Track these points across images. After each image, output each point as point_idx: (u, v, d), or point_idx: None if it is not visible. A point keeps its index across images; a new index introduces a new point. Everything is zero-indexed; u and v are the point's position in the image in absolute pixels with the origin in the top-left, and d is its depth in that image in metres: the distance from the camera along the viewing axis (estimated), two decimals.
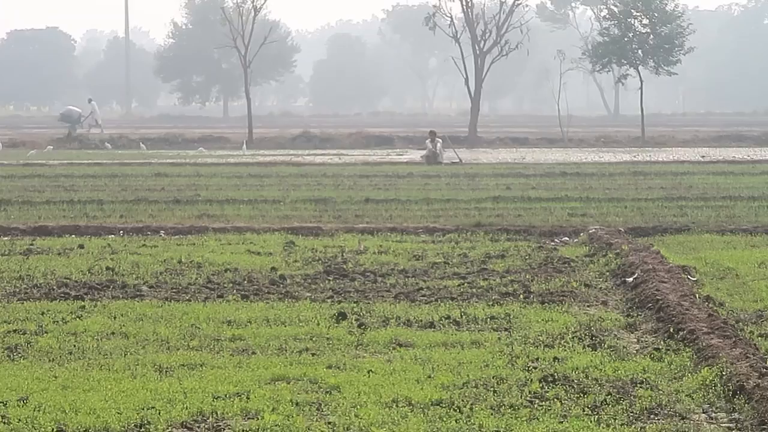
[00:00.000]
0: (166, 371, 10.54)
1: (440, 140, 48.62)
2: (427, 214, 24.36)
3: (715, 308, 13.17)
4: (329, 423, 8.79)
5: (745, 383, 9.63)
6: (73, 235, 20.84)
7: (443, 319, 13.01)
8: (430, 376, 10.27)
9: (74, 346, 11.67)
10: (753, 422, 8.94)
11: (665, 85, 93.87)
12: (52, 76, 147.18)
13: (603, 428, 8.72)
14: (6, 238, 20.57)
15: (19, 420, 8.91)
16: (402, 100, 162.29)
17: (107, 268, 16.80)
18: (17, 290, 15.12)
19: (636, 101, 73.16)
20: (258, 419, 8.91)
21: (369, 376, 10.26)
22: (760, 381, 9.59)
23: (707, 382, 9.94)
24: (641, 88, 70.19)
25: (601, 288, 15.29)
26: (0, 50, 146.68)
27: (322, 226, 21.73)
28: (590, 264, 17.32)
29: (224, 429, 8.74)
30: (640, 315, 13.25)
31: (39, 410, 9.21)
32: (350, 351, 11.41)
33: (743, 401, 9.36)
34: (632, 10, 72.52)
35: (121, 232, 21.27)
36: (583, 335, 12.10)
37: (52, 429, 8.70)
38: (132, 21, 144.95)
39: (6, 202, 27.50)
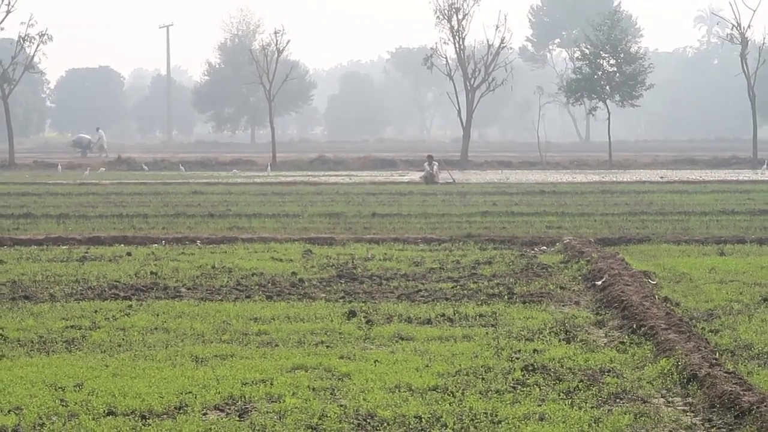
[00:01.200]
0: (202, 361, 10.56)
1: (436, 163, 48.59)
2: (425, 227, 24.35)
3: (671, 307, 13.18)
4: (341, 405, 8.82)
5: (697, 372, 9.65)
6: (122, 245, 20.86)
7: (439, 316, 13.01)
8: (427, 366, 10.29)
9: (122, 339, 11.69)
10: (704, 405, 8.99)
11: (629, 116, 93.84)
12: (104, 108, 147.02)
13: (576, 410, 8.73)
14: (65, 247, 20.58)
15: (75, 403, 8.93)
16: (403, 129, 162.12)
17: (151, 273, 16.81)
18: (74, 291, 15.12)
19: (604, 130, 73.05)
20: (280, 402, 8.94)
21: (375, 366, 10.28)
22: (710, 370, 9.61)
23: (665, 371, 9.96)
24: (608, 118, 70.17)
25: (574, 290, 15.29)
26: (60, 86, 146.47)
27: (335, 237, 21.71)
28: (565, 269, 17.30)
29: (251, 411, 8.75)
30: (608, 313, 13.25)
31: (92, 394, 9.22)
32: (359, 344, 11.42)
33: (696, 387, 9.38)
34: (601, 52, 72.58)
35: (163, 241, 21.27)
36: (558, 330, 12.10)
37: (104, 410, 8.71)
38: (172, 61, 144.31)
39: (65, 216, 27.53)
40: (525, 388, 9.41)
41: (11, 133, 70.64)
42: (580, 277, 16.25)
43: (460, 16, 71.78)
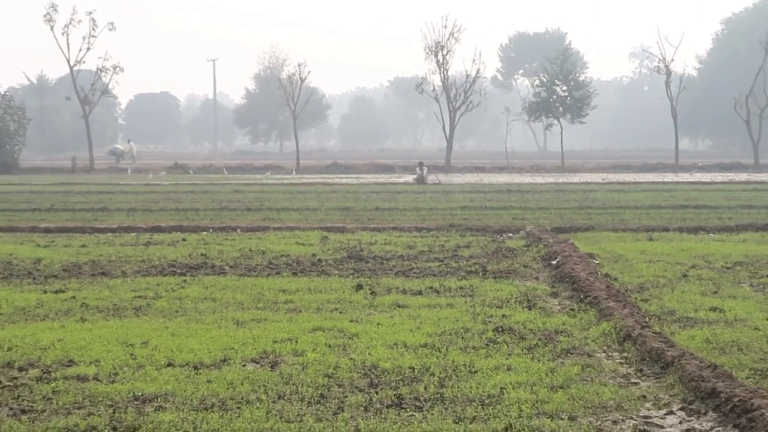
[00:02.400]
0: (241, 324, 10.58)
1: (426, 168, 48.55)
2: (417, 218, 24.33)
3: (611, 281, 13.18)
4: (351, 359, 8.84)
5: (631, 332, 9.68)
6: (178, 232, 20.86)
7: (428, 288, 12.99)
8: (419, 327, 10.30)
9: (179, 307, 11.70)
10: (637, 358, 9.01)
11: (578, 130, 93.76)
12: (164, 125, 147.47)
13: (536, 362, 8.75)
14: (133, 234, 20.58)
15: (142, 356, 8.95)
16: (400, 141, 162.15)
17: (201, 254, 16.81)
18: (141, 269, 15.13)
19: (558, 141, 73.09)
20: (303, 356, 8.96)
21: (378, 327, 10.30)
22: (641, 331, 9.64)
23: (606, 332, 9.98)
24: (561, 132, 70.07)
25: (534, 268, 15.27)
26: (129, 107, 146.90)
27: (346, 226, 21.70)
28: (527, 252, 17.29)
29: (281, 363, 8.77)
30: (561, 286, 13.24)
31: (155, 350, 9.25)
32: (365, 310, 11.42)
33: (630, 345, 9.41)
34: (555, 80, 72.46)
35: (211, 229, 21.25)
36: (522, 300, 12.09)
37: (164, 362, 8.73)
38: (218, 87, 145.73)
39: (133, 210, 27.57)
40: (496, 345, 9.44)
41: (91, 144, 70.82)
42: (539, 258, 16.24)
43: (444, 52, 71.77)
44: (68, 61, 69.99)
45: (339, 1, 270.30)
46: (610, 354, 9.22)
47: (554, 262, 15.11)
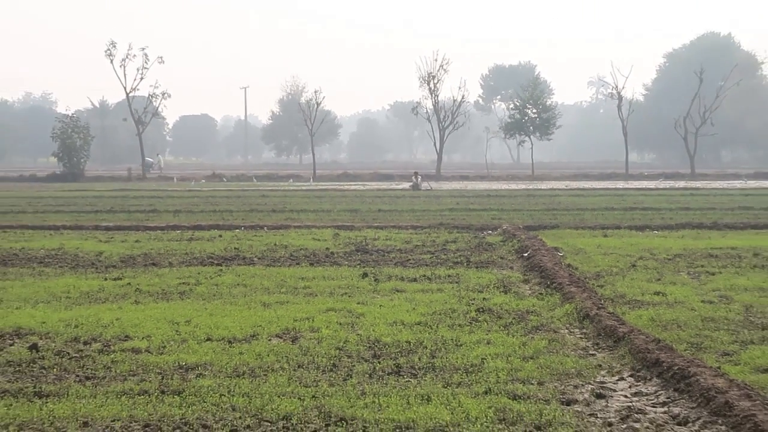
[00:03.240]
0: (267, 305, 10.59)
1: (420, 176, 48.59)
2: (412, 218, 24.33)
3: (572, 270, 13.18)
4: (358, 334, 8.85)
5: (589, 312, 9.68)
6: (216, 230, 20.86)
7: (421, 276, 12.99)
8: (414, 308, 10.30)
9: (216, 291, 11.70)
10: (594, 334, 9.01)
11: (545, 145, 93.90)
12: (203, 141, 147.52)
13: (510, 337, 8.74)
14: (178, 231, 20.58)
15: (185, 332, 8.98)
16: (398, 154, 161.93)
17: (234, 248, 16.81)
18: (184, 260, 15.14)
19: (529, 154, 73.32)
20: (318, 332, 8.96)
21: (380, 308, 10.30)
22: (598, 311, 9.64)
23: (568, 312, 9.98)
24: (531, 147, 70.38)
25: (509, 259, 15.28)
26: (175, 126, 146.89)
27: (354, 225, 21.70)
28: (503, 246, 17.29)
29: (300, 338, 8.77)
30: (531, 274, 13.24)
31: (196, 327, 9.25)
32: (369, 294, 11.42)
33: (588, 323, 9.40)
34: (527, 104, 72.82)
35: (242, 228, 21.25)
36: (499, 285, 12.09)
37: (204, 337, 8.74)
38: (249, 110, 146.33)
39: (178, 211, 27.58)
40: (477, 323, 9.45)
41: (143, 157, 71.07)
42: (513, 251, 16.24)
43: (435, 81, 71.83)
44: (125, 88, 70.30)
45: (349, 38, 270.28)
46: (571, 330, 9.22)
47: (526, 255, 15.12)
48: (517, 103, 76.63)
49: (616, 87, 73.64)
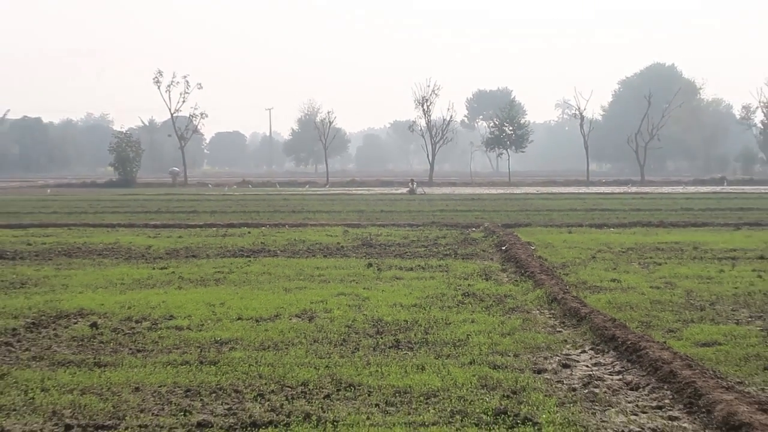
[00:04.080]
0: (288, 290, 10.58)
1: (415, 183, 48.66)
2: (409, 218, 24.33)
3: (543, 261, 13.17)
4: (364, 314, 8.83)
5: (557, 296, 9.67)
6: (245, 227, 20.88)
7: (417, 266, 12.98)
8: (410, 293, 10.30)
9: (245, 278, 11.70)
10: (561, 314, 8.99)
11: (520, 157, 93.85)
12: (235, 153, 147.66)
13: (491, 317, 8.73)
14: (214, 229, 20.60)
15: (220, 313, 8.97)
16: (398, 164, 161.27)
17: (261, 242, 16.81)
18: (219, 252, 15.14)
19: (506, 164, 73.43)
20: (331, 313, 8.95)
21: (382, 293, 10.29)
22: (564, 295, 9.63)
23: (539, 296, 9.96)
24: (508, 158, 70.80)
25: (490, 252, 15.27)
26: (212, 141, 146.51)
27: (360, 223, 21.71)
28: (485, 241, 17.29)
29: (315, 317, 8.76)
30: (508, 265, 13.23)
31: (229, 308, 9.24)
32: (373, 281, 11.41)
33: (556, 305, 9.38)
34: (504, 123, 73.14)
35: (267, 225, 21.26)
36: (482, 274, 12.09)
37: (236, 317, 8.73)
38: (273, 127, 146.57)
39: (214, 212, 27.60)
40: (463, 305, 9.44)
41: (185, 167, 71.20)
42: (493, 245, 16.24)
43: (428, 104, 72.22)
44: (170, 110, 70.67)
45: (357, 66, 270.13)
46: (542, 311, 9.21)
47: (504, 248, 15.12)
48: (496, 122, 76.97)
49: (579, 108, 73.91)
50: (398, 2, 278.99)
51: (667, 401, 5.80)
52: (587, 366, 6.85)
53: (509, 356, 7.04)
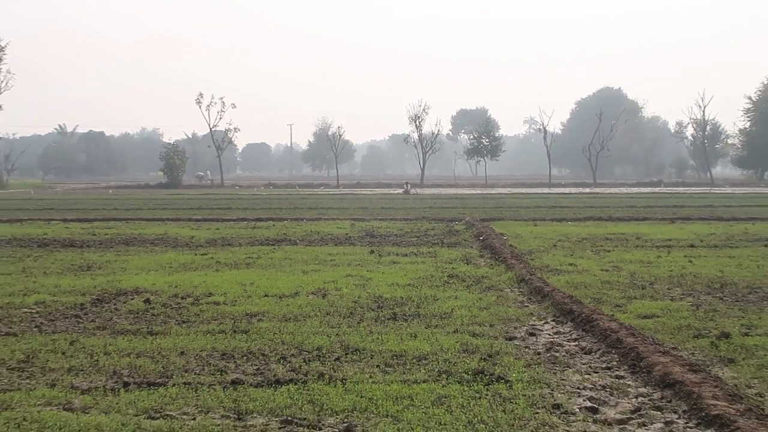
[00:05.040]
0: (305, 272, 10.54)
1: (409, 185, 48.64)
2: (404, 213, 24.30)
3: (513, 248, 13.14)
4: (367, 292, 8.80)
5: (525, 277, 9.64)
6: (271, 221, 20.86)
7: (410, 252, 12.96)
8: (405, 275, 10.26)
9: (271, 263, 11.67)
10: (528, 292, 8.95)
11: (495, 164, 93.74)
12: (262, 161, 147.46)
13: (471, 294, 8.70)
14: (245, 222, 20.58)
15: (250, 291, 8.94)
16: (395, 170, 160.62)
17: (283, 234, 16.78)
18: (249, 242, 15.11)
19: (483, 170, 73.36)
20: (340, 291, 8.92)
21: (382, 274, 10.26)
22: (530, 277, 9.60)
23: (510, 278, 9.93)
24: (485, 165, 70.66)
25: (470, 241, 15.25)
26: (243, 150, 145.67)
27: (364, 217, 21.69)
28: (466, 232, 17.27)
29: (328, 294, 8.73)
30: (485, 252, 13.21)
31: (258, 287, 9.21)
32: (375, 265, 11.39)
33: (524, 284, 9.35)
34: (482, 136, 73.21)
35: (288, 220, 21.24)
36: (463, 259, 12.06)
37: (263, 294, 8.70)
38: (293, 139, 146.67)
39: (245, 208, 27.55)
40: (448, 285, 9.40)
41: (222, 172, 71.30)
42: (473, 235, 16.22)
43: (420, 120, 72.37)
44: (209, 125, 70.55)
45: (362, 88, 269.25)
46: (512, 290, 9.19)
47: (481, 238, 15.10)
48: (475, 135, 77.14)
49: (542, 124, 74.26)
50: (396, 39, 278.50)
51: (614, 363, 5.80)
52: (549, 334, 6.85)
53: (486, 326, 7.03)
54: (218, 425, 4.42)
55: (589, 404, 4.81)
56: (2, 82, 60.51)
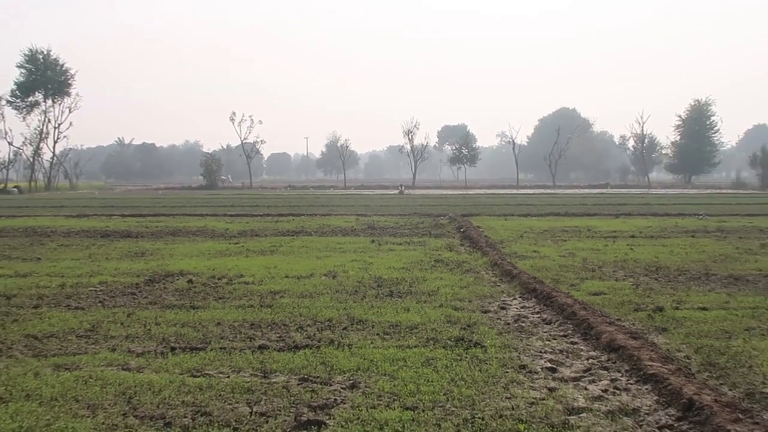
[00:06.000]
0: (318, 258, 10.48)
1: (403, 187, 48.57)
2: (399, 210, 24.21)
3: (488, 239, 13.11)
4: (369, 274, 8.75)
5: (497, 262, 9.60)
6: (290, 216, 20.78)
7: (404, 242, 12.88)
8: (400, 260, 10.20)
9: (290, 250, 11.60)
10: (500, 274, 8.91)
11: (473, 170, 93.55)
12: (283, 167, 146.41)
13: (453, 275, 8.67)
14: (269, 217, 20.50)
15: (274, 273, 8.86)
16: (392, 175, 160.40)
17: (301, 226, 16.67)
18: (273, 233, 15.01)
19: (463, 174, 73.13)
20: (348, 273, 8.86)
21: (381, 260, 10.19)
22: (501, 261, 9.56)
23: (486, 262, 9.89)
24: (465, 171, 70.47)
25: (452, 233, 15.19)
26: (269, 159, 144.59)
27: (367, 213, 21.60)
28: (449, 225, 17.22)
29: (337, 275, 8.69)
30: (465, 241, 13.16)
31: (280, 270, 9.15)
32: (376, 252, 11.33)
33: (496, 268, 9.30)
34: (462, 147, 73.04)
35: (304, 215, 21.16)
36: (447, 247, 12.01)
37: (284, 275, 8.66)
38: (309, 149, 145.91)
39: (270, 206, 27.39)
40: (435, 268, 9.35)
41: (251, 177, 71.10)
42: (455, 228, 16.17)
43: (412, 134, 72.13)
44: (240, 138, 70.42)
45: (364, 108, 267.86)
46: (487, 272, 9.16)
47: (462, 230, 15.06)
48: (457, 146, 76.86)
49: (512, 137, 74.10)
50: (392, 69, 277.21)
51: (569, 332, 5.80)
52: (517, 308, 6.84)
53: (465, 302, 7.02)
54: (248, 382, 4.42)
55: (549, 365, 4.81)
56: (72, 104, 60.24)
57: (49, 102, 59.02)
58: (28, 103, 58.07)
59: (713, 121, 74.11)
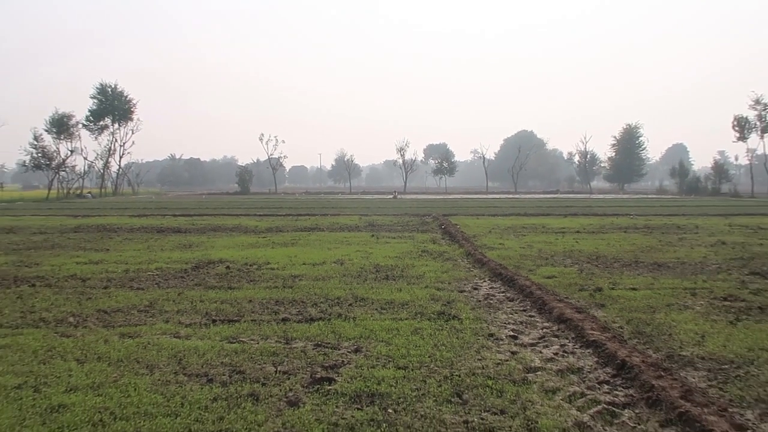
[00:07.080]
0: (329, 249, 10.39)
1: (397, 192, 48.41)
2: (394, 211, 24.13)
3: (464, 233, 13.09)
4: (370, 262, 8.71)
5: (471, 252, 9.57)
6: (307, 216, 20.68)
7: (397, 236, 12.80)
8: (394, 250, 10.12)
9: (307, 243, 11.52)
10: (473, 262, 8.86)
11: (452, 179, 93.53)
12: (301, 177, 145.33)
13: (436, 263, 8.64)
14: (291, 216, 20.39)
15: (294, 260, 8.80)
16: (388, 183, 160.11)
17: (315, 224, 16.58)
18: (293, 229, 14.91)
19: (444, 183, 72.96)
20: (352, 261, 8.81)
21: (379, 250, 10.12)
22: (474, 252, 9.51)
23: (462, 252, 9.86)
24: (445, 180, 70.54)
25: (435, 229, 15.12)
26: (290, 171, 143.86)
27: (368, 214, 21.53)
28: (433, 223, 17.17)
29: (344, 263, 8.65)
30: (445, 236, 13.11)
31: (299, 258, 9.07)
32: (376, 244, 11.27)
33: (470, 257, 9.26)
34: (443, 161, 72.97)
35: (318, 215, 21.06)
36: (432, 241, 11.95)
37: (302, 263, 8.60)
38: (321, 163, 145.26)
39: (291, 207, 27.23)
40: (422, 257, 9.30)
41: (276, 185, 70.63)
42: (437, 225, 16.12)
43: (403, 151, 71.82)
44: (267, 154, 69.89)
45: (366, 127, 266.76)
46: (463, 260, 9.13)
47: (443, 227, 15.01)
48: (439, 160, 76.65)
49: (483, 153, 73.90)
50: (387, 93, 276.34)
51: (528, 307, 5.81)
52: (486, 289, 6.83)
53: (445, 284, 7.01)
54: (273, 347, 4.42)
55: (511, 333, 4.82)
56: (134, 126, 60.14)
57: (116, 125, 59.13)
58: (99, 126, 58.38)
59: (641, 140, 75.00)
